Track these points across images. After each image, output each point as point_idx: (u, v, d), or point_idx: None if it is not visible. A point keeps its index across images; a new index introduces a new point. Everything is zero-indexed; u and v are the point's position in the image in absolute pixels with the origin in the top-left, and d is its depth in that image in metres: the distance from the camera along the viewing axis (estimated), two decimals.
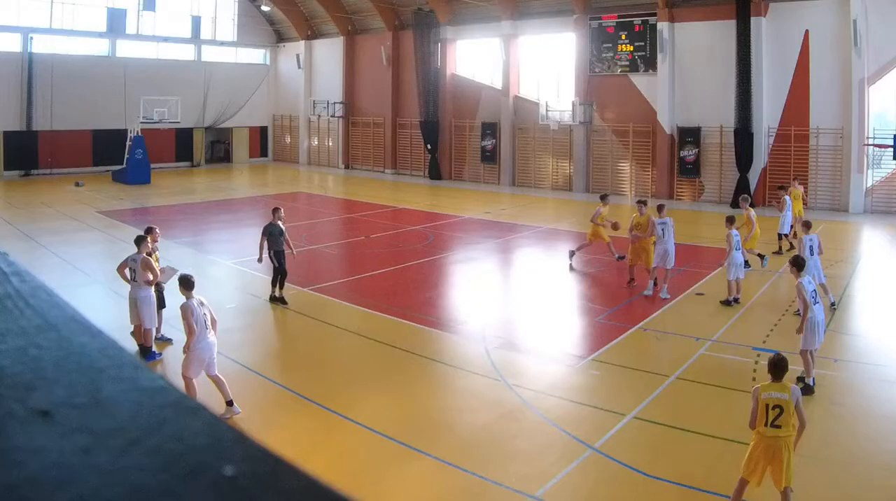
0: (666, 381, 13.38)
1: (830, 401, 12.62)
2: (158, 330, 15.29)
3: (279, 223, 18.90)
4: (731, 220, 19.36)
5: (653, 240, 20.15)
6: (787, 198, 26.28)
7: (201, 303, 12.33)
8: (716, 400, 12.71)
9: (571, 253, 24.12)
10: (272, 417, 12.27)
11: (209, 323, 12.30)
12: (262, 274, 21.40)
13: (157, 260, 15.53)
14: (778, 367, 9.26)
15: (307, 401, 12.56)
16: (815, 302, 13.36)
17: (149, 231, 15.69)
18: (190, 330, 12.05)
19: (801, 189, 28.60)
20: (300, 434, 11.46)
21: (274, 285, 18.72)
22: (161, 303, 15.41)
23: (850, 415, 12.16)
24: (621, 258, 23.20)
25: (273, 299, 18.70)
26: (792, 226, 26.49)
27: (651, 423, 11.56)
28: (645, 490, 9.70)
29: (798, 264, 14.04)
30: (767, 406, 8.92)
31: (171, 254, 20.04)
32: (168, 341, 15.45)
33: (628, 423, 11.51)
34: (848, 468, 10.22)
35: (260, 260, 18.94)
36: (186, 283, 12.66)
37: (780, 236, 26.04)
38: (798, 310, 14.25)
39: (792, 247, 25.32)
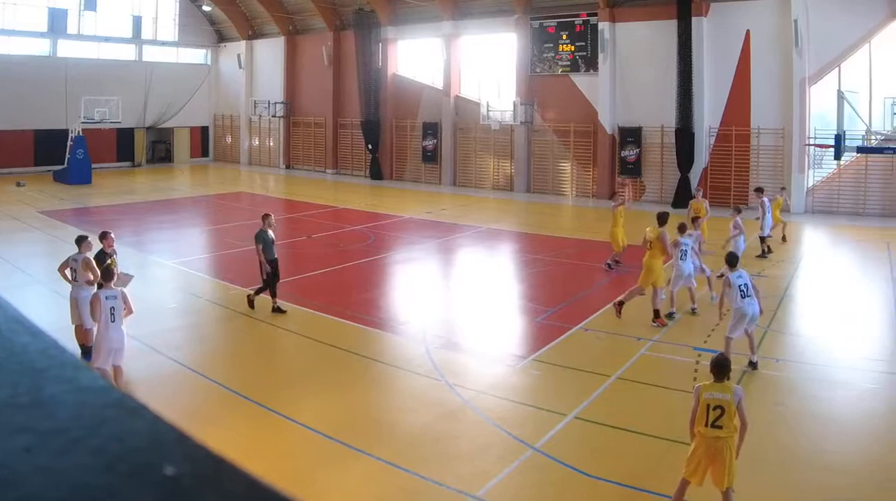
0: (607, 381, 12.92)
1: (772, 401, 12.25)
2: None
3: (270, 231, 17.53)
4: (682, 228, 17.61)
5: (658, 256, 17.00)
6: (765, 200, 24.41)
7: (114, 296, 12.08)
8: (657, 400, 12.28)
9: (609, 266, 22.16)
10: (214, 417, 11.58)
11: (118, 315, 11.99)
12: (202, 274, 21.37)
13: (116, 264, 14.61)
14: (720, 367, 8.89)
15: (249, 401, 12.01)
16: (746, 296, 13.34)
17: (104, 235, 14.86)
18: (95, 320, 12.09)
19: (783, 198, 26.62)
20: (242, 434, 10.92)
21: (258, 294, 17.31)
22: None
23: (791, 416, 11.80)
24: (611, 267, 22.07)
25: (275, 310, 17.10)
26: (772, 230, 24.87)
27: (592, 423, 11.19)
28: (586, 490, 9.39)
29: (730, 261, 13.95)
30: (709, 406, 8.60)
31: None
32: None
33: (569, 423, 11.13)
34: (789, 468, 9.93)
35: (264, 273, 17.13)
36: (106, 274, 12.66)
37: (761, 239, 24.11)
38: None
39: (770, 250, 24.07)
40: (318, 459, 10.22)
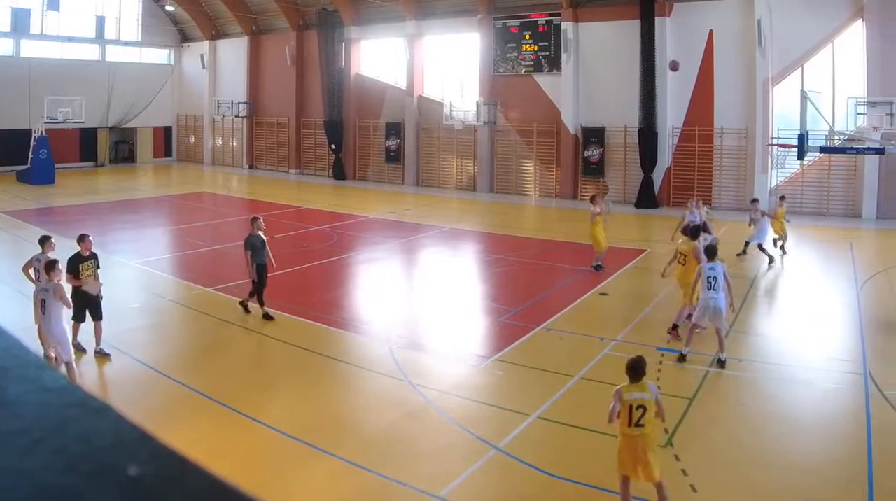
0: (570, 381, 12.57)
1: (736, 402, 11.98)
2: (98, 343, 13.74)
3: (260, 233, 16.61)
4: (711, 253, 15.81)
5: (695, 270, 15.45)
6: (762, 209, 23.24)
7: (45, 289, 11.97)
8: None
9: (596, 268, 21.17)
10: (177, 417, 11.25)
11: (49, 308, 11.79)
12: (165, 274, 20.76)
13: (93, 268, 13.91)
14: (636, 369, 8.86)
15: (212, 402, 11.65)
16: (711, 289, 13.18)
17: (81, 238, 14.07)
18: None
19: (784, 208, 24.12)
20: (206, 434, 10.58)
21: (251, 298, 16.51)
22: (83, 316, 13.74)
23: (756, 416, 11.42)
24: (598, 268, 21.12)
25: (266, 316, 16.24)
26: (778, 239, 23.32)
27: (555, 423, 10.90)
28: (549, 489, 9.12)
29: (708, 252, 13.72)
30: (632, 406, 8.61)
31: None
32: (107, 356, 13.67)
33: (532, 423, 10.86)
34: (754, 469, 9.57)
35: (252, 278, 16.29)
36: (49, 267, 12.20)
37: (760, 247, 22.61)
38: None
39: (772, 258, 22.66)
40: (281, 459, 9.90)
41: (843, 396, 12.27)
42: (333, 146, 47.49)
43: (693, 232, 15.92)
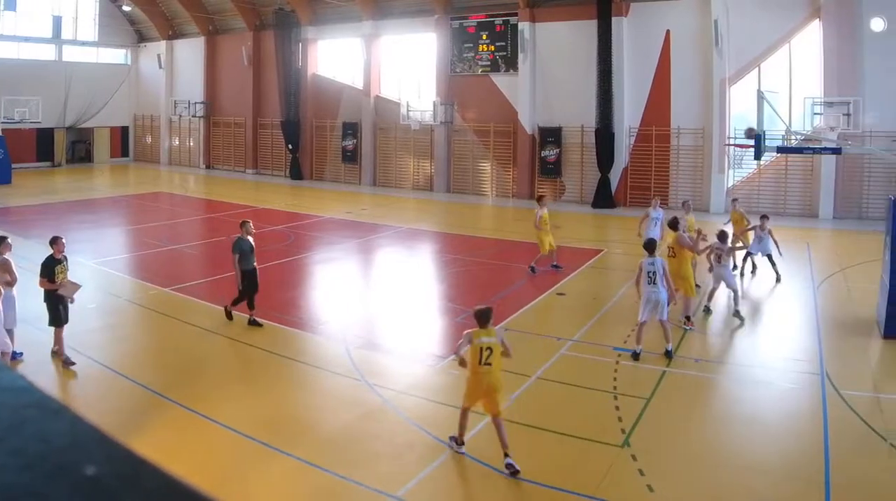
0: (527, 381, 12.08)
1: (694, 402, 11.56)
2: (60, 349, 12.77)
3: (249, 238, 15.41)
4: (722, 236, 16.02)
5: (691, 262, 15.91)
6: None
7: None
8: (577, 400, 11.53)
9: (533, 270, 20.07)
10: (134, 418, 10.70)
11: None
12: (122, 274, 19.89)
13: (66, 271, 13.05)
14: (482, 316, 9.66)
15: (169, 402, 11.16)
16: (651, 282, 13.04)
17: (54, 240, 13.19)
18: None
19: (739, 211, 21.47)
20: (163, 434, 10.15)
21: (234, 305, 15.32)
22: (62, 319, 12.75)
23: (713, 416, 11.12)
24: (557, 267, 20.26)
25: (252, 322, 15.10)
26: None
27: (512, 423, 10.13)
28: (505, 489, 8.85)
29: (647, 247, 13.60)
30: (481, 348, 9.38)
31: (33, 255, 16.28)
32: (70, 363, 12.68)
33: (489, 423, 9.97)
34: (711, 469, 9.27)
35: (238, 284, 15.15)
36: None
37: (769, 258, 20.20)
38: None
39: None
40: (239, 459, 9.46)
41: (800, 396, 11.81)
42: (290, 146, 45.34)
43: (672, 224, 15.97)
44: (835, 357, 13.40)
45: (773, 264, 19.43)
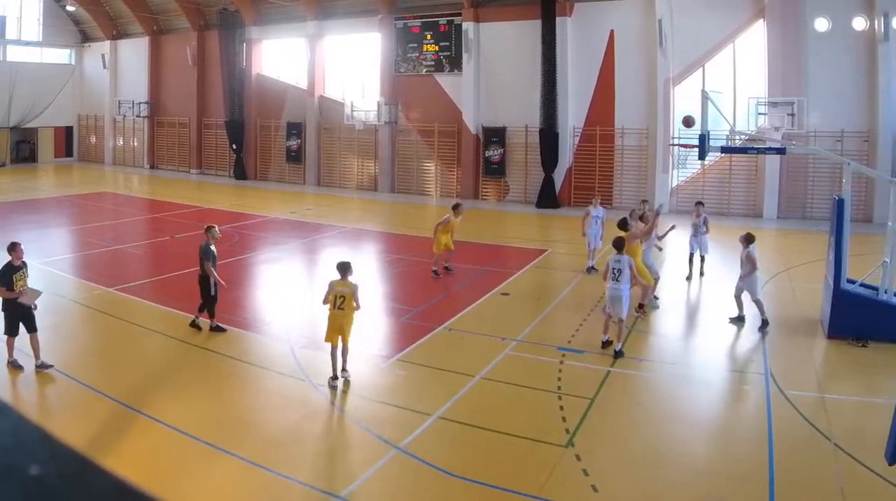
0: (471, 381, 11.41)
1: (636, 402, 10.86)
2: (38, 356, 11.63)
3: (213, 245, 14.14)
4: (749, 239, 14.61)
5: (639, 253, 15.05)
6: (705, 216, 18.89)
7: None
8: (521, 400, 10.81)
9: (436, 273, 18.60)
10: (78, 417, 9.86)
11: None
12: (66, 274, 18.49)
13: (25, 277, 11.83)
14: (341, 268, 11.30)
15: (113, 401, 10.32)
16: (615, 279, 12.54)
17: (12, 247, 11.94)
18: None
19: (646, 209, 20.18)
20: (106, 433, 9.29)
21: (201, 313, 14.02)
22: (16, 329, 11.58)
23: (656, 416, 10.35)
24: (437, 274, 18.53)
25: (199, 327, 13.94)
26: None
27: (457, 423, 9.84)
28: (450, 489, 8.11)
29: (615, 244, 13.04)
30: (336, 295, 11.05)
31: None
32: (50, 367, 11.54)
33: (434, 423, 9.79)
34: (653, 468, 8.62)
35: (213, 289, 13.80)
36: None
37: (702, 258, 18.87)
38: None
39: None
40: (183, 459, 8.80)
41: (745, 396, 11.24)
42: (234, 146, 41.94)
43: (621, 225, 15.14)
44: (779, 357, 12.60)
45: (702, 261, 18.55)
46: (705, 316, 16.18)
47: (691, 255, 18.65)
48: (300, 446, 9.32)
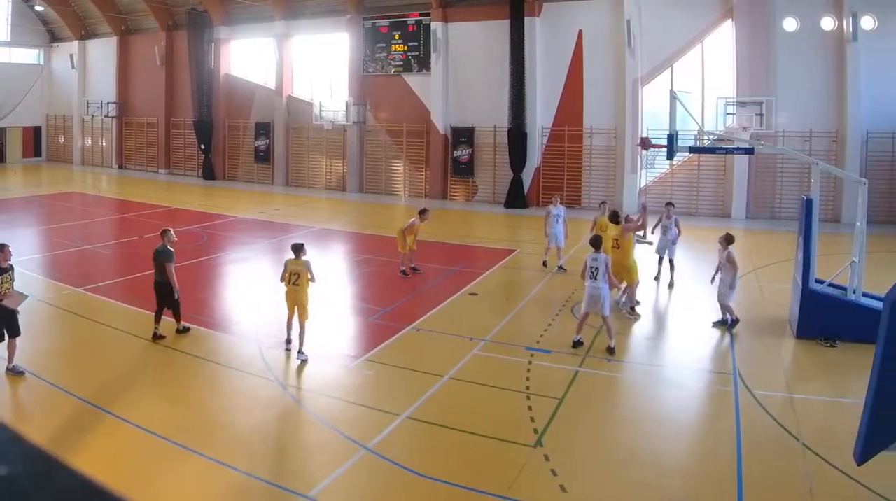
0: (440, 381, 10.83)
1: (607, 402, 10.35)
2: (11, 359, 10.87)
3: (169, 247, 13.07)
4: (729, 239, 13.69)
5: (630, 252, 14.60)
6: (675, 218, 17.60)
7: None
8: (489, 400, 10.23)
9: (405, 273, 17.80)
10: (46, 417, 9.37)
11: None
12: (34, 274, 17.43)
13: (11, 281, 11.18)
14: (294, 248, 12.11)
15: (81, 401, 9.75)
16: (593, 278, 12.04)
17: (0, 248, 11.17)
18: None
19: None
20: (74, 433, 8.88)
21: (158, 320, 12.95)
22: (14, 330, 10.92)
23: (628, 417, 9.84)
24: (405, 274, 17.70)
25: (162, 335, 12.84)
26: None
27: (425, 423, 9.30)
28: (418, 489, 7.72)
29: (593, 243, 12.46)
30: (290, 272, 11.76)
31: None
32: (21, 374, 10.81)
33: (402, 423, 9.27)
34: (625, 468, 8.20)
35: (175, 294, 12.83)
36: None
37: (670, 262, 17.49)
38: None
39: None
40: (151, 459, 8.31)
41: (713, 396, 10.74)
42: (203, 146, 39.81)
43: (613, 218, 14.95)
44: (748, 357, 12.10)
45: (672, 268, 17.21)
46: (674, 316, 15.32)
47: (661, 258, 17.29)
48: (268, 446, 8.93)
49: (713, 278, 14.01)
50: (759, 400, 10.10)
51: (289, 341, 12.01)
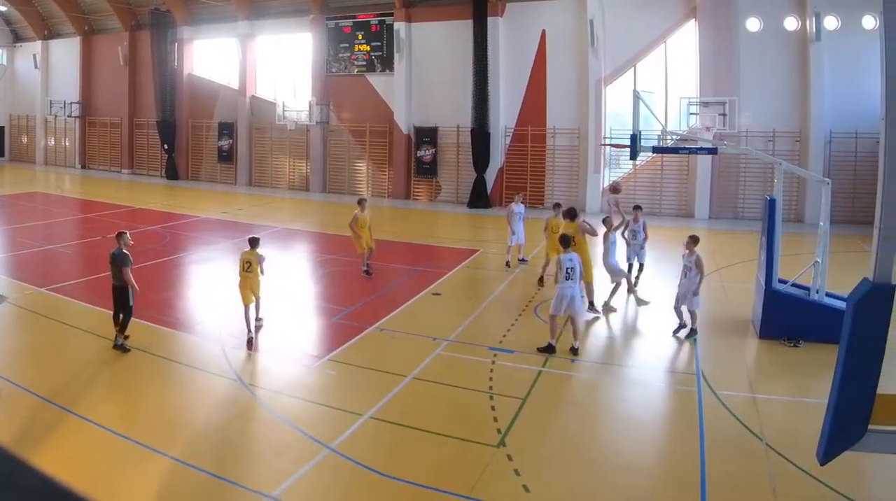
0: (402, 381, 10.10)
1: (570, 402, 9.77)
2: None
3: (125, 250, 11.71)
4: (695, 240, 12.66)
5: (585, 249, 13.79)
6: (643, 221, 16.23)
7: None
8: (452, 400, 9.62)
9: (368, 272, 16.91)
10: (8, 417, 8.83)
11: None
12: None
13: None
14: (252, 241, 12.11)
15: (44, 401, 9.14)
16: (569, 278, 11.15)
17: None
18: None
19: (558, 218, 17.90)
20: (37, 433, 8.38)
21: (118, 325, 11.73)
22: None
23: (591, 417, 9.25)
24: (368, 273, 16.72)
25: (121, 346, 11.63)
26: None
27: (388, 423, 8.75)
28: (381, 489, 7.30)
29: (563, 242, 11.77)
30: (243, 261, 11.83)
31: None
32: None
33: (365, 423, 8.73)
34: (588, 469, 7.76)
35: (132, 300, 11.62)
36: None
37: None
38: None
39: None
40: (114, 458, 7.81)
41: (677, 396, 10.10)
42: (166, 146, 37.29)
43: (570, 214, 14.13)
44: (711, 357, 11.49)
45: (640, 271, 15.95)
46: (638, 316, 14.25)
47: (630, 265, 15.78)
48: (231, 445, 8.38)
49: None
50: (723, 400, 9.57)
51: (250, 341, 11.66)
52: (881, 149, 4.71)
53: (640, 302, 14.25)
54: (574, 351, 11.29)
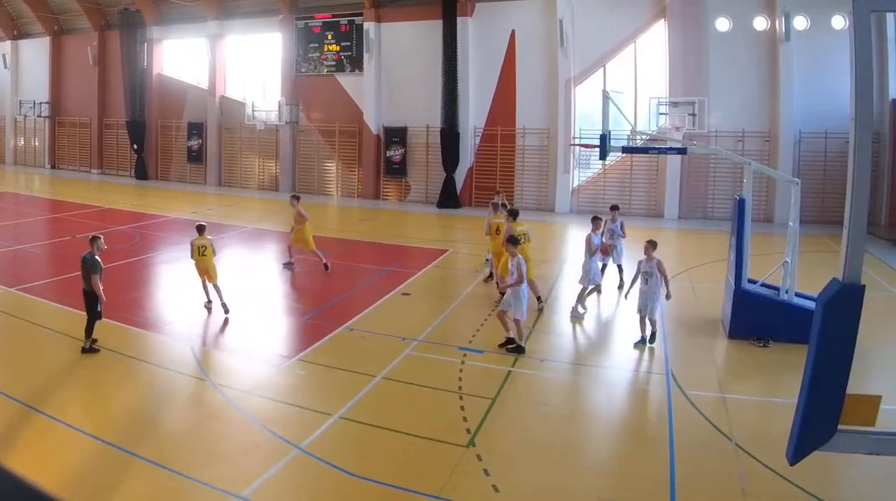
0: (372, 381, 9.63)
1: (537, 402, 9.20)
2: None
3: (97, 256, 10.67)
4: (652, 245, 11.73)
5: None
6: (621, 222, 15.39)
7: None
8: (421, 400, 9.17)
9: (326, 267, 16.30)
10: None
11: None
12: None
13: None
14: (201, 228, 12.58)
15: (13, 401, 8.71)
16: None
17: None
18: None
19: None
20: (7, 434, 7.94)
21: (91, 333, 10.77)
22: None
23: (559, 416, 8.87)
24: (326, 267, 16.21)
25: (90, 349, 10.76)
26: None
27: (357, 423, 8.38)
28: (351, 489, 6.98)
29: (511, 241, 10.99)
30: (197, 246, 12.33)
31: None
32: None
33: (334, 423, 8.33)
34: (557, 469, 7.39)
35: (100, 305, 10.73)
36: None
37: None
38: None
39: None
40: (83, 459, 7.43)
41: (646, 396, 9.75)
42: (135, 146, 35.17)
43: (513, 212, 13.80)
44: (680, 357, 10.98)
45: (620, 272, 15.23)
46: (607, 317, 13.75)
47: (604, 266, 14.63)
48: (200, 445, 7.92)
49: (627, 294, 12.19)
50: (692, 400, 9.20)
51: (209, 302, 12.59)
52: (850, 149, 4.06)
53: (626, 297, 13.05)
54: (519, 349, 10.78)
